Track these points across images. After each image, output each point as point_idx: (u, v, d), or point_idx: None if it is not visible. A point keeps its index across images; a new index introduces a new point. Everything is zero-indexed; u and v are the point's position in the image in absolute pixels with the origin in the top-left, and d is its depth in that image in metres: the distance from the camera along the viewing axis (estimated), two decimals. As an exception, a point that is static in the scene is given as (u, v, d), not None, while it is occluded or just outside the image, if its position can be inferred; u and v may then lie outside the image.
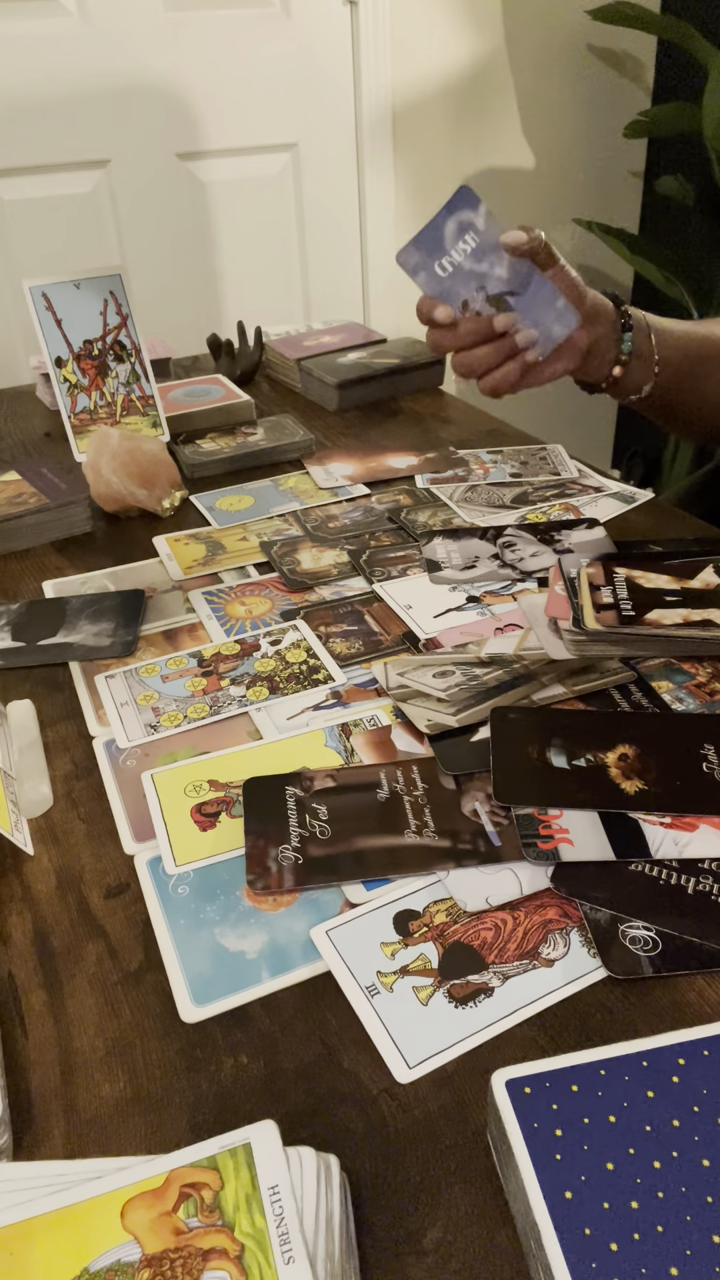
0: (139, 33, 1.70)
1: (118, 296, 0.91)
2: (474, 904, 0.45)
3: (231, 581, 0.76)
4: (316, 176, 1.96)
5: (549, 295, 0.71)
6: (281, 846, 0.49)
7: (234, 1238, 0.29)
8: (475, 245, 0.71)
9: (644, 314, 0.81)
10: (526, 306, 0.72)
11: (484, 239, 0.70)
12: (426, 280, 0.73)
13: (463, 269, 0.71)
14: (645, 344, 0.80)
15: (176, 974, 0.43)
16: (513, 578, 0.73)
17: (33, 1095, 0.39)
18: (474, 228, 0.70)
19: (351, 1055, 0.40)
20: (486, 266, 0.71)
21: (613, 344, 0.80)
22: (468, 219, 0.70)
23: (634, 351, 0.80)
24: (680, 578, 0.67)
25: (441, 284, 0.72)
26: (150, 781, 0.54)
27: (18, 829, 0.51)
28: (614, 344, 0.80)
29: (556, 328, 0.73)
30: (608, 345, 0.79)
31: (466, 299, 0.73)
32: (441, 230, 0.71)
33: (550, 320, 0.73)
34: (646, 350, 0.80)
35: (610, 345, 0.80)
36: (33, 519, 0.83)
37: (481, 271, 0.71)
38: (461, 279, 0.72)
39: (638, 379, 0.81)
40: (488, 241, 0.70)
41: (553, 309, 0.72)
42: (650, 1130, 0.32)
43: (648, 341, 0.80)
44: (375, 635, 0.67)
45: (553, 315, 0.72)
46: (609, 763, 0.52)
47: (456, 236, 0.71)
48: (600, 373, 0.81)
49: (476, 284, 0.72)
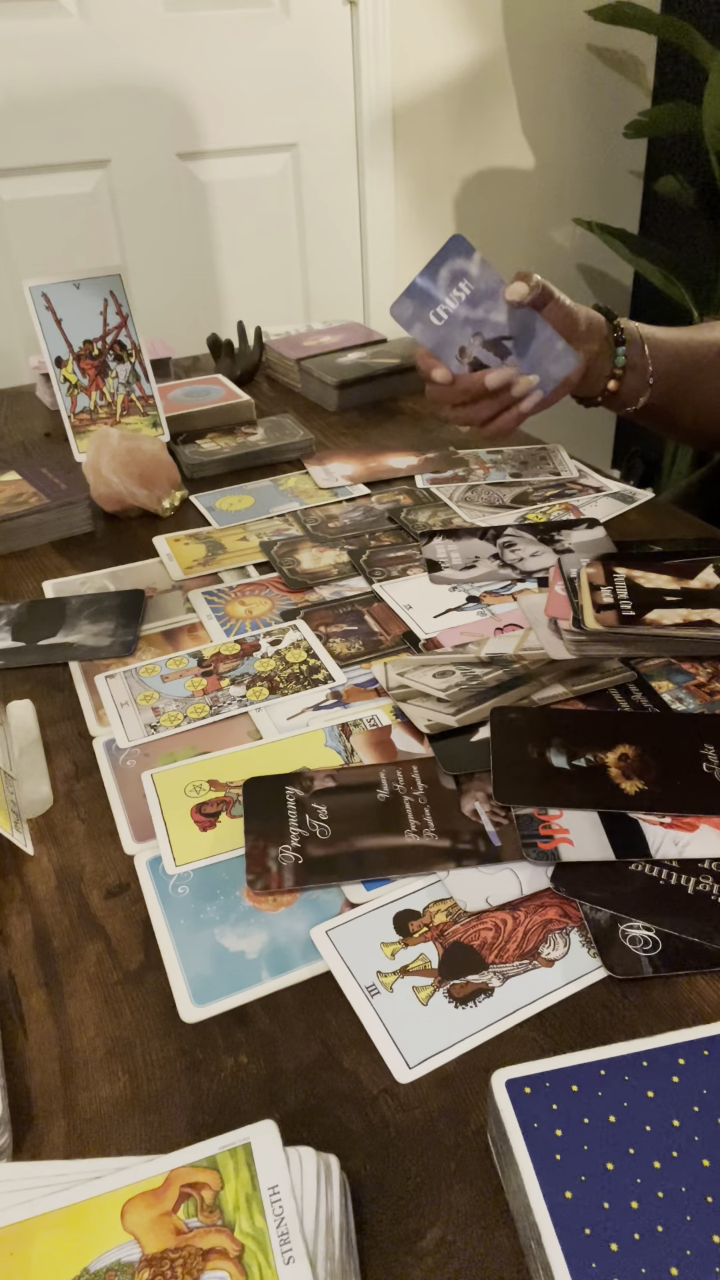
0: (139, 33, 1.70)
1: (118, 296, 0.91)
2: (474, 904, 0.45)
3: (231, 581, 0.76)
4: (316, 176, 1.96)
5: (549, 339, 0.72)
6: (281, 846, 0.49)
7: (234, 1238, 0.29)
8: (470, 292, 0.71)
9: (636, 326, 0.82)
10: (525, 351, 0.73)
11: (478, 285, 0.71)
12: (422, 331, 0.73)
13: (458, 317, 0.72)
14: (639, 356, 0.81)
15: (176, 974, 0.43)
16: (513, 578, 0.73)
17: (33, 1095, 0.39)
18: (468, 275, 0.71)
19: (351, 1055, 0.40)
20: (482, 313, 0.72)
21: (607, 359, 0.81)
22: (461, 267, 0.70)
23: (628, 365, 0.81)
24: (680, 578, 0.67)
25: (437, 333, 0.73)
26: (150, 781, 0.54)
27: (18, 829, 0.51)
28: (608, 359, 0.81)
29: (555, 369, 0.74)
30: (602, 361, 0.81)
31: (463, 345, 0.73)
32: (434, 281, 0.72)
33: (549, 363, 0.74)
34: (640, 363, 0.81)
35: (604, 361, 0.81)
36: (33, 519, 0.83)
37: (478, 318, 0.72)
38: (457, 327, 0.72)
39: (633, 391, 0.82)
40: (482, 288, 0.71)
41: (552, 351, 0.73)
42: (650, 1130, 0.32)
43: (641, 353, 0.81)
44: (375, 635, 0.67)
45: (552, 358, 0.73)
46: (609, 763, 0.52)
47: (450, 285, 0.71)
48: (596, 388, 0.82)
49: (473, 330, 0.72)
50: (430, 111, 2.00)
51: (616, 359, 0.80)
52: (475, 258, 0.71)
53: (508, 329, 0.72)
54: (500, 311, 0.72)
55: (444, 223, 2.13)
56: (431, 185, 2.08)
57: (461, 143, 2.06)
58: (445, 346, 0.73)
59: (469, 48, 1.97)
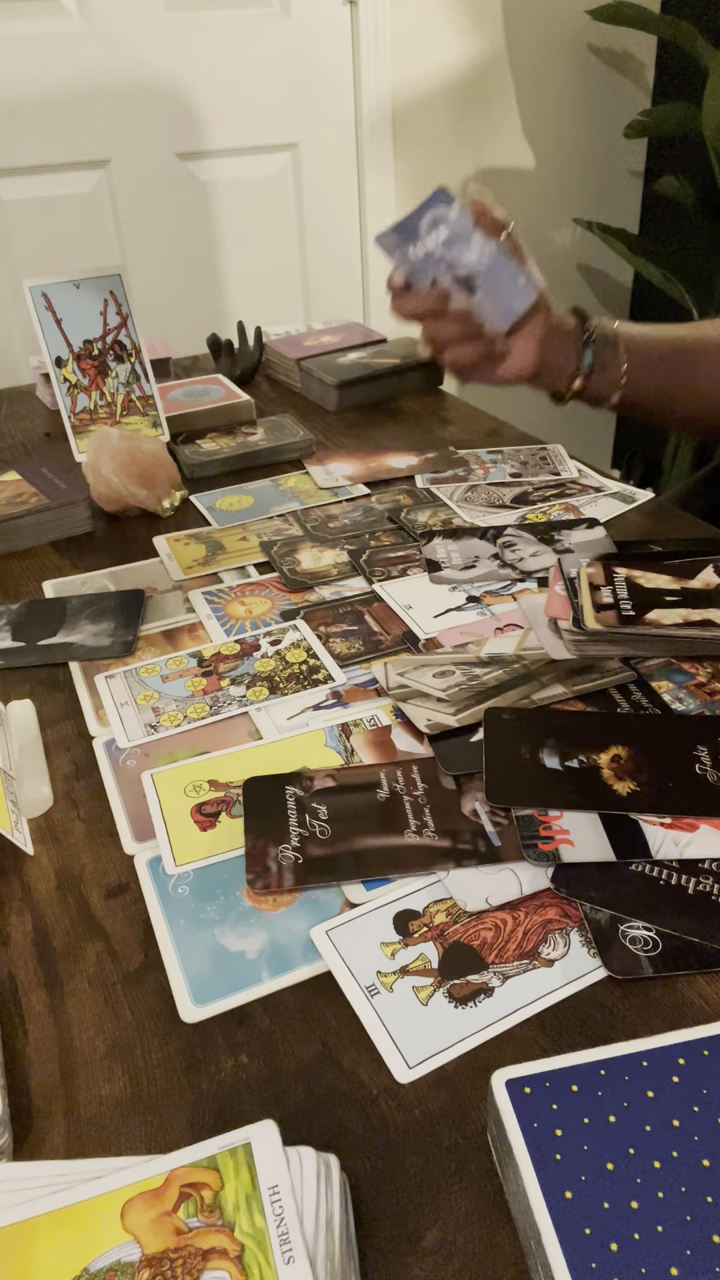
0: (139, 33, 1.70)
1: (118, 296, 0.91)
2: (474, 904, 0.45)
3: (231, 581, 0.76)
4: (316, 176, 1.96)
5: (510, 273, 0.81)
6: (281, 846, 0.49)
7: (234, 1238, 0.29)
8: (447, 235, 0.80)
9: (615, 326, 0.85)
10: (489, 284, 0.81)
11: (454, 229, 0.80)
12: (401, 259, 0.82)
13: (434, 255, 0.80)
14: (611, 357, 0.84)
15: (176, 974, 0.43)
16: (513, 578, 0.73)
17: (33, 1095, 0.39)
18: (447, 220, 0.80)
19: (351, 1055, 0.40)
20: (456, 253, 0.80)
21: (572, 357, 0.84)
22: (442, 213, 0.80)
23: (596, 364, 0.84)
24: (680, 578, 0.67)
25: (414, 265, 0.81)
26: (150, 781, 0.54)
27: (18, 829, 0.51)
28: (573, 357, 0.84)
29: (516, 303, 0.81)
30: (565, 359, 0.84)
31: (436, 278, 0.81)
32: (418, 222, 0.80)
33: (511, 298, 0.81)
34: (612, 362, 0.84)
35: (569, 359, 0.84)
36: (33, 519, 0.83)
37: (451, 258, 0.80)
38: (432, 263, 0.81)
39: (603, 390, 0.85)
40: (457, 232, 0.80)
41: (514, 286, 0.81)
42: (650, 1130, 0.32)
43: (614, 354, 0.84)
44: (375, 635, 0.67)
45: (513, 291, 0.81)
46: (602, 764, 0.52)
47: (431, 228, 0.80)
48: (559, 385, 0.85)
49: (445, 267, 0.80)
50: (430, 111, 2.00)
51: (584, 359, 0.84)
52: (455, 205, 0.80)
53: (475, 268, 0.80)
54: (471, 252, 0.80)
55: (444, 223, 2.13)
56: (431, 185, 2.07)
57: (461, 143, 2.06)
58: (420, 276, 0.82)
59: (469, 48, 1.97)
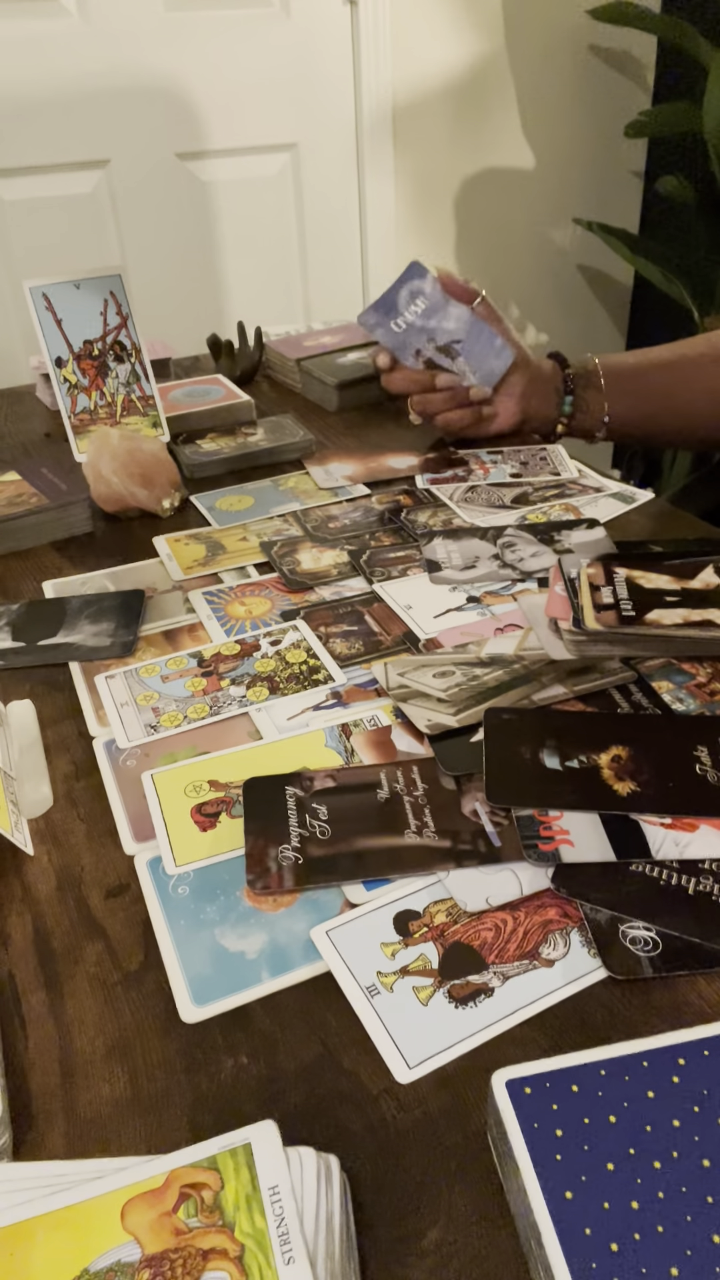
0: (139, 33, 1.70)
1: (118, 297, 0.91)
2: (474, 904, 0.45)
3: (231, 582, 0.76)
4: (316, 176, 1.96)
5: (488, 337, 0.88)
6: (281, 846, 0.49)
7: (234, 1238, 0.29)
8: (425, 306, 0.87)
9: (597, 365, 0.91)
10: (470, 349, 0.88)
11: (431, 301, 0.87)
12: (384, 335, 0.89)
13: (414, 326, 0.88)
14: (593, 398, 0.91)
15: (176, 974, 0.43)
16: (513, 578, 0.73)
17: (33, 1095, 0.39)
18: (423, 293, 0.87)
19: (351, 1055, 0.40)
20: (435, 322, 0.88)
21: (553, 406, 0.92)
22: (418, 287, 0.87)
23: (576, 409, 0.91)
24: (680, 578, 0.67)
25: (397, 338, 0.88)
26: (150, 782, 0.54)
27: (18, 829, 0.51)
28: (555, 406, 0.92)
29: (497, 364, 0.89)
30: (548, 408, 0.92)
31: (419, 349, 0.89)
32: (396, 295, 0.87)
33: (491, 359, 0.89)
34: (594, 405, 0.91)
35: (551, 407, 0.92)
36: (33, 519, 0.83)
37: (431, 327, 0.88)
38: (414, 334, 0.88)
39: (588, 427, 0.93)
40: (434, 303, 0.87)
41: (492, 348, 0.89)
42: (650, 1130, 0.32)
43: (596, 395, 0.90)
44: (375, 635, 0.67)
45: (492, 353, 0.89)
46: (602, 764, 0.52)
47: (409, 301, 0.87)
48: (545, 429, 0.94)
49: (426, 337, 0.88)
50: (430, 111, 2.00)
51: (564, 407, 0.92)
52: (429, 278, 0.86)
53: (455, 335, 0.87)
54: (449, 321, 0.87)
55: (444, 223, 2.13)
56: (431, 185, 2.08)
57: (461, 143, 2.06)
58: (404, 349, 0.89)
59: (469, 48, 1.97)
